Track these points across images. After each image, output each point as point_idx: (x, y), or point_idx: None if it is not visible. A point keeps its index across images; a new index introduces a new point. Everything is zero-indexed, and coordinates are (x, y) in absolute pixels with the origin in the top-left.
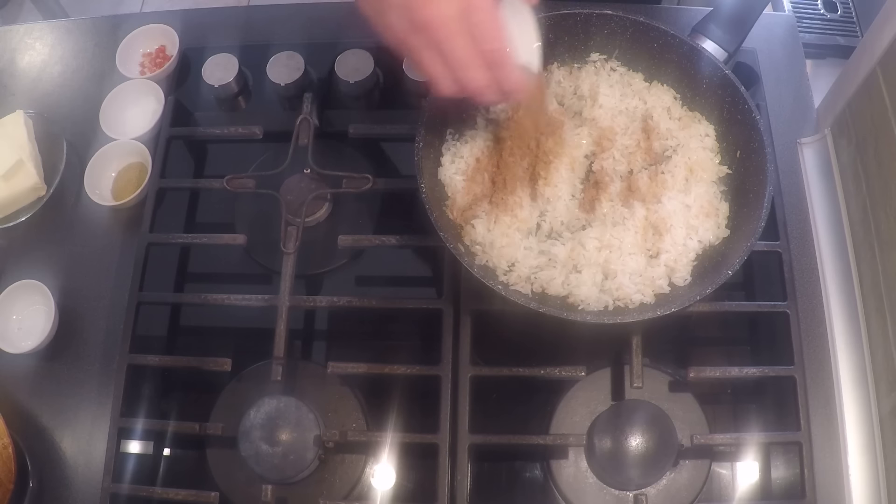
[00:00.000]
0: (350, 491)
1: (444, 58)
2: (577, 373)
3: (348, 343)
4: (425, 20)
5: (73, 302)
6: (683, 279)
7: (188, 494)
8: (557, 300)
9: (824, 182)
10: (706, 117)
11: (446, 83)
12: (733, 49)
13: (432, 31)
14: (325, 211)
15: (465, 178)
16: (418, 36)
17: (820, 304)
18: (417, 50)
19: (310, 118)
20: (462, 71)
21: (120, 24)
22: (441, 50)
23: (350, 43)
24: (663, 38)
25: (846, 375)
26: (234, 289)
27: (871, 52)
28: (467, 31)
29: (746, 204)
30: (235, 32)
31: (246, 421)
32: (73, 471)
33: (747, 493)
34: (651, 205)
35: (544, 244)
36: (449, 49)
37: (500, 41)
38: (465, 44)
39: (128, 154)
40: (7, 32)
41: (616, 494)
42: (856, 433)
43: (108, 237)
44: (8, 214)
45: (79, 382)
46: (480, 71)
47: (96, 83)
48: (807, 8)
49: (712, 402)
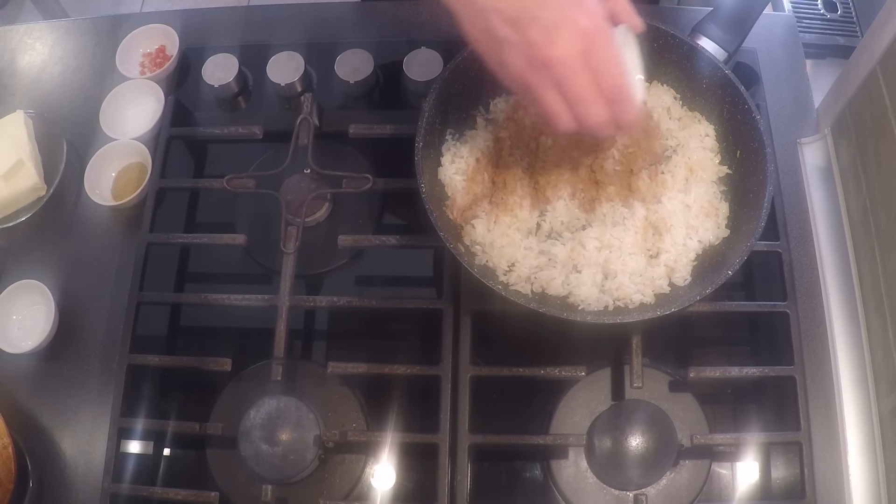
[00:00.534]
0: (350, 491)
1: (566, 95)
2: (577, 373)
3: (348, 343)
4: (548, 59)
5: (73, 302)
6: (683, 279)
7: (188, 494)
8: (557, 300)
9: (824, 182)
10: (706, 117)
11: (566, 119)
12: (733, 49)
13: (554, 70)
14: (325, 211)
15: (465, 178)
16: (539, 74)
17: (820, 304)
18: (537, 87)
19: (310, 118)
20: (584, 107)
21: (120, 24)
22: (563, 88)
23: (350, 43)
24: (663, 38)
25: (846, 375)
26: (234, 289)
27: (871, 52)
28: (589, 69)
29: (746, 204)
30: (235, 32)
31: (246, 421)
32: (73, 471)
33: (747, 493)
34: (651, 205)
35: (544, 244)
36: (571, 87)
37: (622, 77)
38: (588, 81)
39: (128, 154)
40: (7, 32)
41: (616, 494)
42: (856, 433)
43: (108, 237)
44: (8, 214)
45: (79, 382)
46: (601, 107)
47: (96, 83)
48: (807, 8)
49: (712, 402)
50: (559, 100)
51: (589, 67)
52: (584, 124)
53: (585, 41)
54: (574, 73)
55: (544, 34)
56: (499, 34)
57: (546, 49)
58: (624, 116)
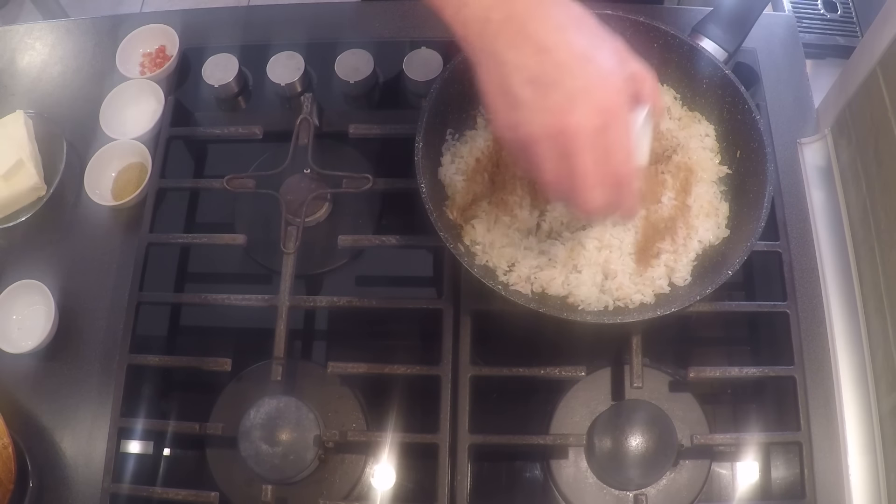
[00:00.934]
0: (350, 491)
1: (571, 168)
2: (577, 373)
3: (348, 343)
4: (564, 127)
5: (73, 302)
6: (683, 279)
7: (188, 494)
8: (557, 300)
9: (824, 182)
10: (706, 117)
11: (562, 193)
12: (733, 49)
13: (566, 140)
14: (325, 211)
15: (465, 178)
16: (549, 142)
17: (820, 304)
18: (543, 155)
19: (310, 118)
20: (585, 188)
21: (120, 24)
22: (570, 160)
23: (350, 43)
24: (663, 38)
25: (846, 375)
26: (234, 289)
27: (871, 52)
28: (601, 147)
29: (746, 204)
30: (235, 32)
31: (246, 421)
32: (73, 471)
33: (747, 493)
34: (651, 205)
35: (544, 244)
36: (579, 162)
37: (629, 164)
38: (596, 160)
39: (128, 154)
40: (7, 32)
41: (616, 494)
42: (856, 433)
43: (108, 237)
44: (8, 214)
45: (79, 382)
46: (602, 191)
47: (96, 83)
48: (807, 8)
49: (712, 402)
50: (564, 173)
51: (601, 146)
52: (581, 205)
53: (605, 118)
54: (585, 149)
55: (565, 102)
56: (517, 93)
57: (564, 117)
58: (625, 203)
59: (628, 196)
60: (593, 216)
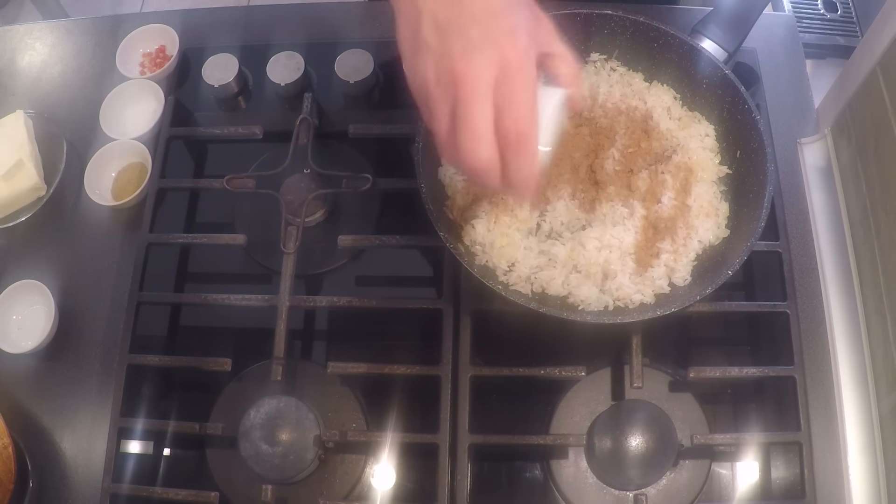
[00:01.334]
0: (350, 491)
1: (457, 119)
2: (577, 373)
3: (348, 343)
4: (455, 73)
5: (73, 302)
6: (683, 279)
7: (188, 494)
8: (557, 300)
9: (824, 182)
10: (706, 117)
11: (449, 147)
12: (733, 49)
13: (458, 87)
14: (325, 211)
15: (465, 178)
16: (441, 88)
17: (820, 304)
18: (434, 102)
19: (310, 118)
20: (469, 139)
21: (120, 24)
22: (457, 109)
23: (350, 43)
24: (663, 37)
25: (846, 375)
26: (234, 289)
27: (871, 52)
28: (493, 100)
29: (746, 204)
30: (235, 32)
31: (246, 421)
32: (73, 471)
33: (747, 493)
34: (651, 205)
35: (544, 244)
36: (466, 111)
37: (526, 123)
38: (485, 112)
39: (128, 154)
40: (7, 32)
41: (616, 494)
42: (856, 433)
43: (108, 237)
44: (8, 214)
45: (79, 382)
46: (488, 148)
47: (96, 83)
48: (807, 8)
49: (712, 402)
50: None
51: (494, 99)
52: (464, 160)
53: (501, 70)
54: (476, 98)
55: (462, 48)
56: (423, 36)
57: (457, 62)
58: (514, 170)
59: (522, 165)
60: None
